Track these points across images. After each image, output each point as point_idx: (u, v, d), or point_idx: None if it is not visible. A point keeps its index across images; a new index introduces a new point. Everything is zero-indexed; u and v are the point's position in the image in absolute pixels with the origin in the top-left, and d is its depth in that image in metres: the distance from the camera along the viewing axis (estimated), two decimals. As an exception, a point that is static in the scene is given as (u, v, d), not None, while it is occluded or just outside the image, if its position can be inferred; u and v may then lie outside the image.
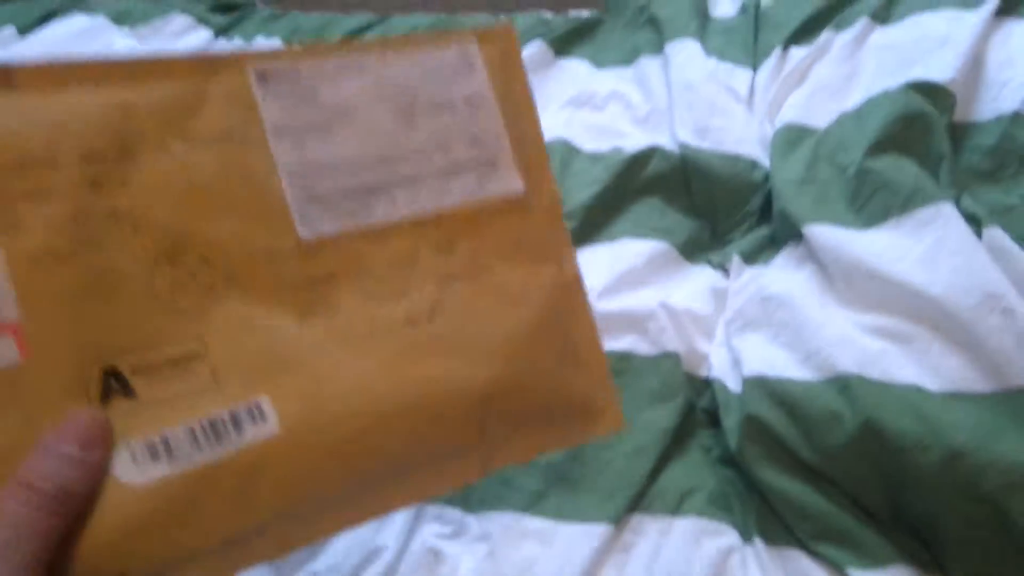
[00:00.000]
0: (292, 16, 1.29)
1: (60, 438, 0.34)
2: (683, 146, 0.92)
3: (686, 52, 1.02)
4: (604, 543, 0.64)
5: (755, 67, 1.03)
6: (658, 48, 1.07)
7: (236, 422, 0.38)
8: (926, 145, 0.80)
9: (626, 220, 0.89)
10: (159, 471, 0.36)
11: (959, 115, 0.85)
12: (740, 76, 1.01)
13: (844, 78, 0.93)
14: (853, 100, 0.88)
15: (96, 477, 0.34)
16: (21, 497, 0.32)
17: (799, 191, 0.81)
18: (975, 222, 0.72)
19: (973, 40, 0.88)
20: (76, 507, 0.34)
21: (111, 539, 0.35)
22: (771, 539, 0.63)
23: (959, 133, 0.84)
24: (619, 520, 0.65)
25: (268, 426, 0.38)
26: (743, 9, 1.09)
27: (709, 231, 0.90)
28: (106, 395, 0.36)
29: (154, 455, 0.36)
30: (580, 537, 0.64)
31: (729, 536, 0.64)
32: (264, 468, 0.38)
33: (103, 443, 0.35)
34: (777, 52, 1.01)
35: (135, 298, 0.37)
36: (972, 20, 0.90)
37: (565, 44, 1.14)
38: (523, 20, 1.20)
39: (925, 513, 0.59)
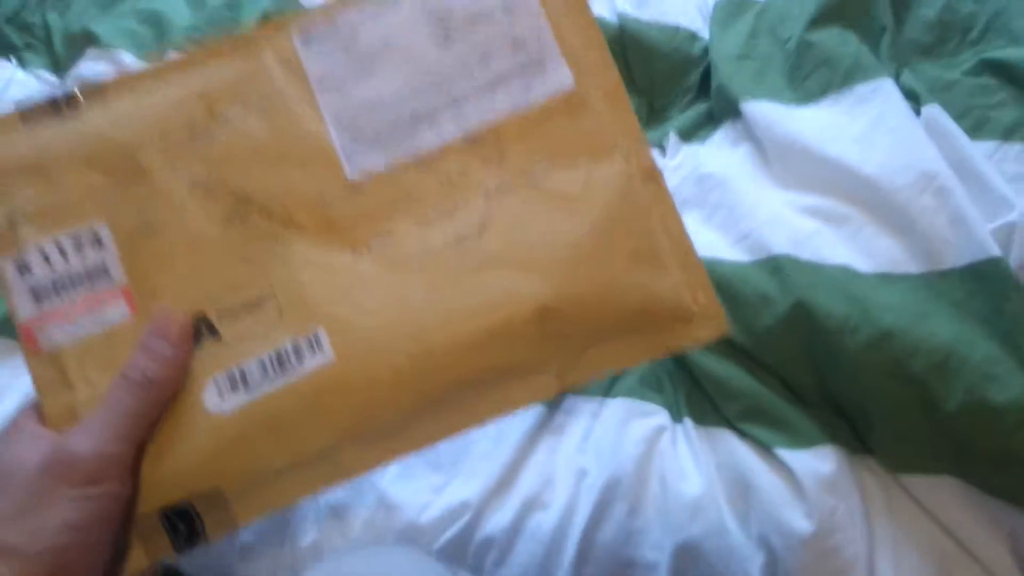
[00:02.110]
0: None
1: (149, 336, 0.41)
2: (621, 16, 0.88)
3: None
4: (536, 423, 0.64)
5: (698, -66, 0.99)
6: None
7: (297, 352, 0.42)
8: (868, 16, 0.78)
9: (561, 95, 0.86)
10: (238, 400, 0.41)
11: (902, -15, 0.83)
12: (682, -57, 0.97)
13: (789, -55, 0.89)
14: (796, -31, 0.85)
15: (172, 367, 0.41)
16: (118, 383, 0.40)
17: (738, 66, 0.79)
18: (914, 99, 0.71)
19: (919, -95, 0.85)
20: (159, 391, 0.40)
21: (202, 459, 0.41)
22: (700, 419, 0.64)
23: (901, 4, 0.82)
24: (550, 401, 0.65)
25: (324, 354, 0.42)
26: None
27: (647, 107, 0.87)
28: (198, 337, 0.42)
29: (234, 386, 0.42)
30: (513, 417, 0.63)
31: (659, 416, 0.64)
32: (325, 392, 0.42)
33: (181, 340, 0.41)
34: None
35: (214, 254, 0.43)
36: None
37: None
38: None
39: (853, 394, 0.60)
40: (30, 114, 0.44)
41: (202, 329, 0.42)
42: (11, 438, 0.40)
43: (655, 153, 0.82)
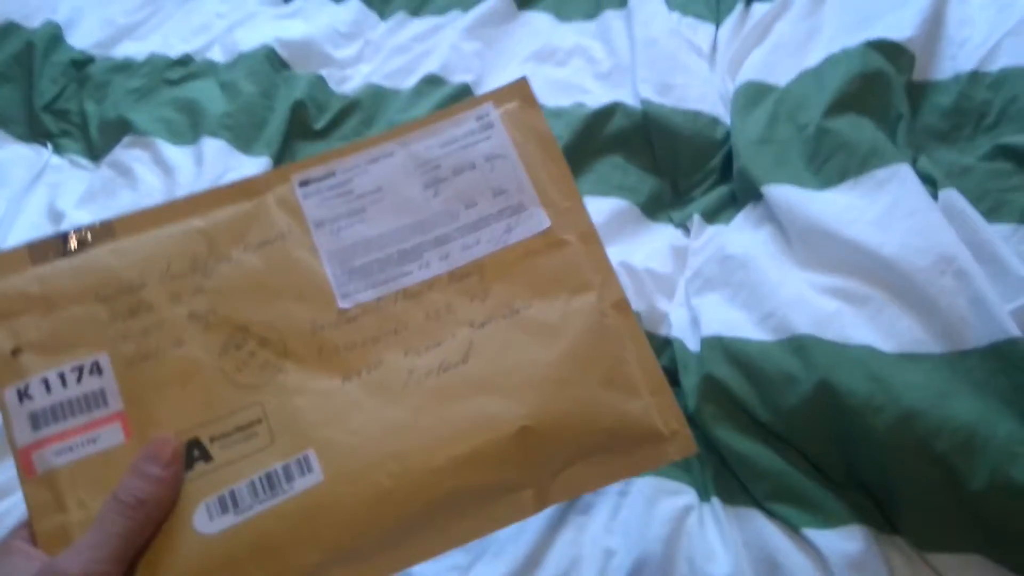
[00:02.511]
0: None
1: (143, 459, 0.43)
2: (645, 102, 0.91)
3: (649, 6, 1.01)
4: (563, 503, 0.65)
5: (718, 23, 1.02)
6: (621, 2, 1.07)
7: (287, 474, 0.44)
8: (884, 104, 0.80)
9: (588, 178, 0.89)
10: (228, 521, 0.43)
11: (917, 74, 0.86)
12: (703, 31, 1.01)
13: (805, 35, 0.93)
14: (814, 57, 0.88)
15: (163, 489, 0.42)
16: (109, 505, 0.41)
17: (758, 150, 0.81)
18: (931, 183, 0.72)
19: (933, -1, 0.88)
20: (148, 512, 0.41)
21: None
22: (728, 499, 0.64)
23: (917, 92, 0.85)
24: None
25: (314, 476, 0.44)
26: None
27: (671, 189, 0.90)
28: (190, 461, 0.44)
29: (224, 509, 0.43)
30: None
31: (687, 496, 0.65)
32: (313, 514, 0.43)
33: (173, 463, 0.43)
34: (740, 7, 1.01)
35: (208, 380, 0.46)
36: (933, -23, 0.90)
37: (528, -3, 1.13)
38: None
39: (878, 473, 0.60)
40: (39, 250, 0.47)
41: (194, 453, 0.44)
42: (2, 559, 0.41)
43: (679, 233, 0.84)
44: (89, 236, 0.48)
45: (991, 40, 0.85)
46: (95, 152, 1.01)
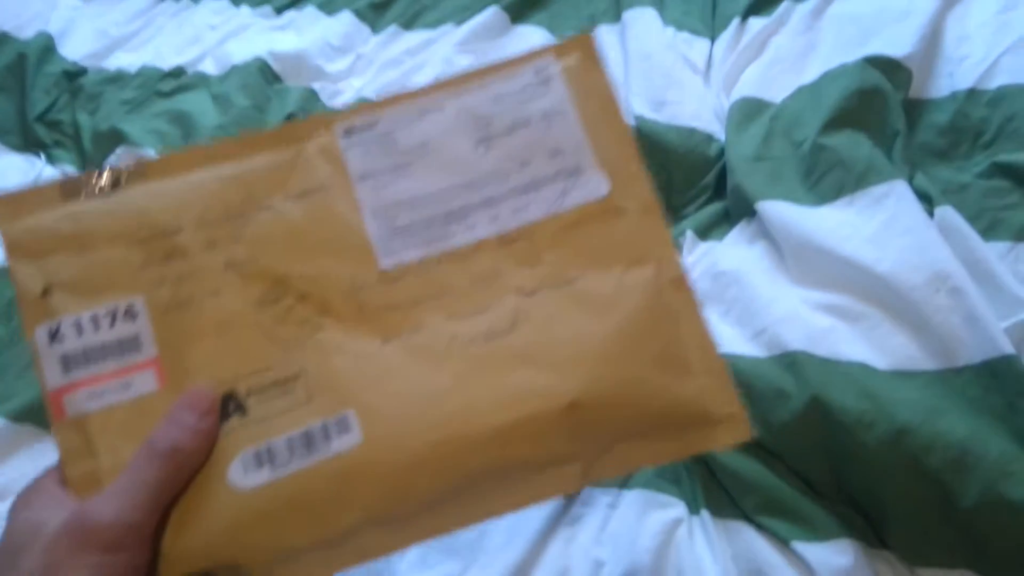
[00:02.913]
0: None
1: (178, 408, 0.42)
2: (639, 118, 0.91)
3: (643, 20, 1.01)
4: (553, 513, 0.64)
5: (713, 37, 1.02)
6: (615, 16, 1.06)
7: (326, 433, 0.42)
8: (881, 121, 0.80)
9: (581, 194, 0.88)
10: (263, 477, 0.41)
11: (914, 90, 0.85)
12: (698, 46, 1.00)
13: (802, 50, 0.92)
14: (810, 73, 0.87)
15: (201, 439, 0.41)
16: (143, 453, 0.40)
17: (753, 167, 0.80)
18: (927, 200, 0.72)
19: (932, 14, 0.88)
20: (184, 462, 0.41)
21: (224, 534, 0.41)
22: (717, 511, 0.63)
23: (914, 109, 0.84)
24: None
25: (352, 437, 0.42)
26: (701, -23, 1.08)
27: (663, 205, 0.89)
28: (225, 413, 0.43)
29: (259, 463, 0.42)
30: (529, 510, 0.63)
31: (676, 508, 0.64)
32: (351, 475, 0.42)
33: (210, 414, 0.42)
34: (736, 22, 1.00)
35: (246, 333, 0.44)
36: (931, -6, 0.89)
37: (521, 11, 1.13)
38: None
39: (869, 489, 0.60)
40: (70, 187, 0.45)
41: (230, 405, 0.43)
42: (32, 500, 0.40)
43: (671, 250, 0.83)
44: (123, 176, 0.45)
45: (989, 58, 0.85)
46: (88, 163, 1.01)
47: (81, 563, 0.37)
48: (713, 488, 0.65)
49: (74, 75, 1.09)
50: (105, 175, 0.45)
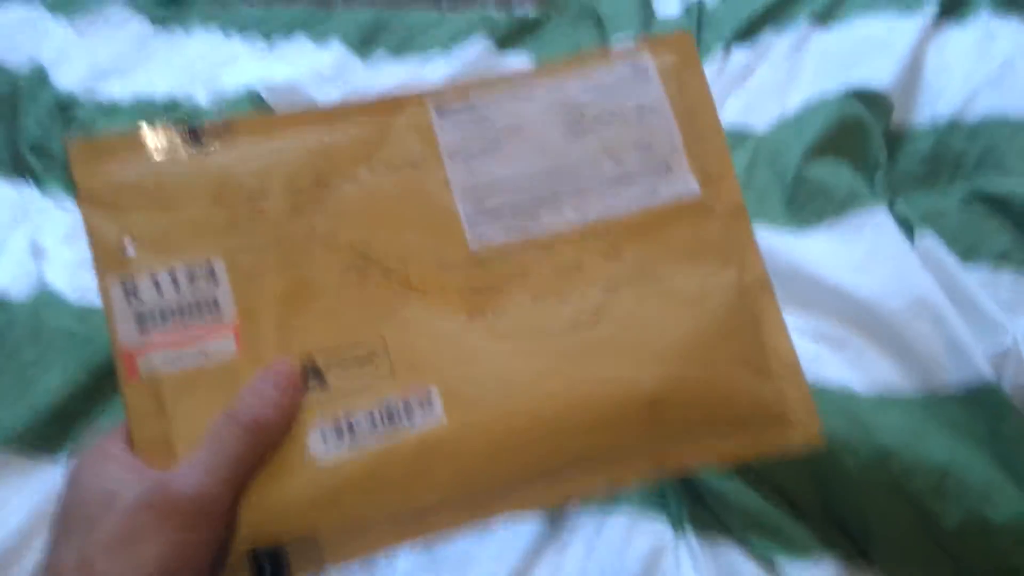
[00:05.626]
0: (233, 8, 1.27)
1: (261, 380, 0.41)
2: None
3: (629, 50, 1.02)
4: (538, 538, 0.64)
5: (697, 68, 1.03)
6: (601, 45, 1.08)
7: (408, 409, 0.42)
8: (863, 152, 0.81)
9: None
10: (343, 450, 0.41)
11: (896, 120, 0.86)
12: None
13: (784, 80, 0.94)
14: (792, 103, 0.89)
15: (281, 413, 0.40)
16: (224, 424, 0.39)
17: (737, 195, 0.81)
18: (908, 227, 0.73)
19: (912, 46, 0.90)
20: (266, 436, 0.40)
21: (301, 507, 0.40)
22: (702, 530, 0.64)
23: (895, 139, 0.86)
24: (553, 516, 0.66)
25: (435, 415, 0.42)
26: (687, 8, 1.10)
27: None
28: (305, 384, 0.42)
29: (339, 436, 0.41)
30: (515, 535, 0.64)
31: (662, 529, 0.64)
32: (432, 453, 0.41)
33: (293, 389, 0.41)
34: (719, 52, 1.01)
35: (328, 303, 0.43)
36: (911, 25, 0.91)
37: (509, 40, 1.14)
38: (467, 16, 1.20)
39: (854, 511, 0.60)
40: (155, 137, 0.44)
41: (310, 376, 0.42)
42: (98, 465, 0.39)
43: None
44: (209, 133, 0.44)
45: (968, 88, 0.86)
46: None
47: (162, 535, 0.36)
48: (698, 510, 0.65)
49: (67, 105, 1.10)
50: (194, 130, 0.44)
